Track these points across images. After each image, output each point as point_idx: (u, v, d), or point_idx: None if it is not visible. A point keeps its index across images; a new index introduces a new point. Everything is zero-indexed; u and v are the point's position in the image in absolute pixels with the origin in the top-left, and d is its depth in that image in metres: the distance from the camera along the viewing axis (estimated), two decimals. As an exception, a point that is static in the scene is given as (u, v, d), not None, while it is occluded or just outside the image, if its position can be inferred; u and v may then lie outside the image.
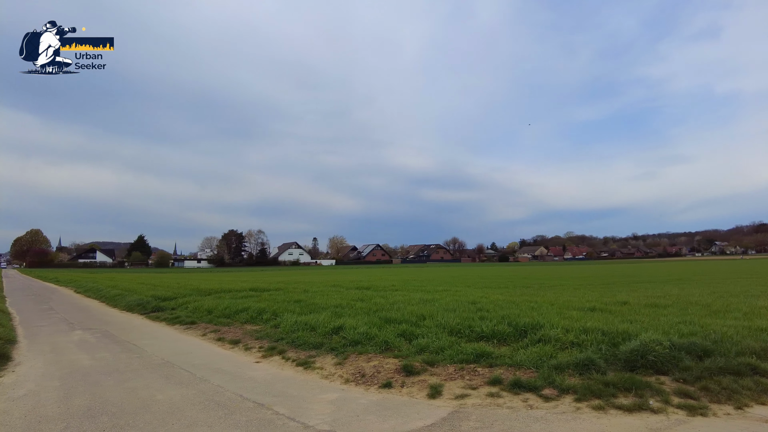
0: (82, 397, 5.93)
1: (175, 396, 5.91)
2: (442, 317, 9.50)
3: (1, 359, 8.08)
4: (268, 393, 6.01)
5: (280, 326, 10.30)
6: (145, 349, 9.18)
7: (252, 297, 16.27)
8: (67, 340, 10.34)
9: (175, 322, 12.75)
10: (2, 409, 5.53)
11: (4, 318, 13.29)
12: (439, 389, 5.84)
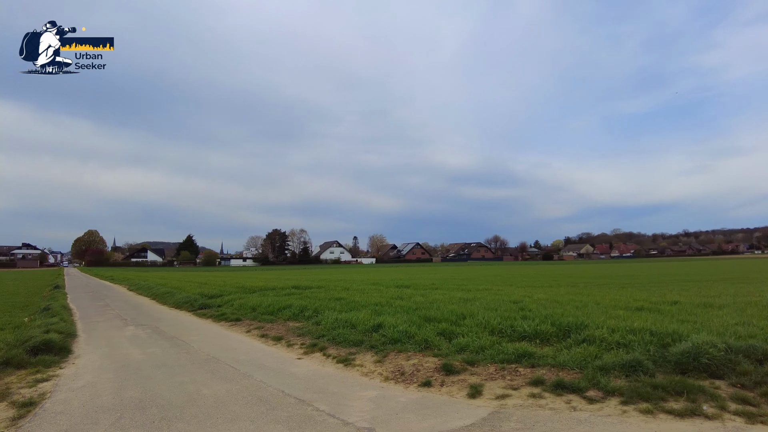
0: (134, 390, 6.21)
1: (220, 391, 6.09)
2: (483, 316, 9.38)
3: (63, 352, 8.55)
4: (309, 389, 6.11)
5: (321, 323, 10.44)
6: (192, 345, 9.51)
7: (294, 295, 16.58)
8: (121, 336, 10.84)
9: (221, 319, 13.15)
10: (63, 399, 5.86)
11: (66, 314, 14.07)
12: (479, 389, 5.77)
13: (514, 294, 14.61)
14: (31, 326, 10.94)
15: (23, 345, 8.20)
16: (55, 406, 5.59)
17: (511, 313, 9.77)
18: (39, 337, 8.70)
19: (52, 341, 8.66)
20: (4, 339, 9.51)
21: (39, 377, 6.94)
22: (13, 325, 11.78)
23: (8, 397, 5.97)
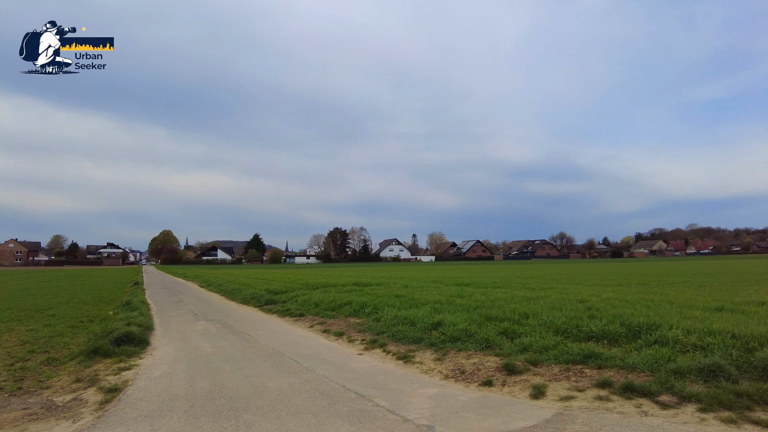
0: (205, 381, 6.56)
1: (284, 384, 6.31)
2: (547, 315, 9.11)
3: (143, 344, 9.18)
4: (370, 385, 6.19)
5: (381, 320, 10.54)
6: (258, 339, 9.90)
7: (355, 291, 16.85)
8: (193, 329, 11.47)
9: (285, 314, 13.61)
10: (143, 387, 6.29)
11: (144, 308, 15.10)
12: (542, 390, 5.61)
13: (580, 293, 14.07)
14: (115, 319, 11.84)
15: (108, 336, 8.89)
16: (136, 393, 6.02)
17: (577, 312, 9.42)
18: (122, 329, 9.39)
19: (133, 333, 9.31)
20: (93, 330, 10.37)
21: (122, 366, 7.49)
22: (101, 317, 12.81)
23: (97, 383, 6.49)
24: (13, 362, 7.80)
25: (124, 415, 5.13)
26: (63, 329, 10.89)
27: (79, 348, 8.64)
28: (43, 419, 5.20)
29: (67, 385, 6.54)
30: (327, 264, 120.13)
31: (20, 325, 11.69)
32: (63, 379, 6.87)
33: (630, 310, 9.36)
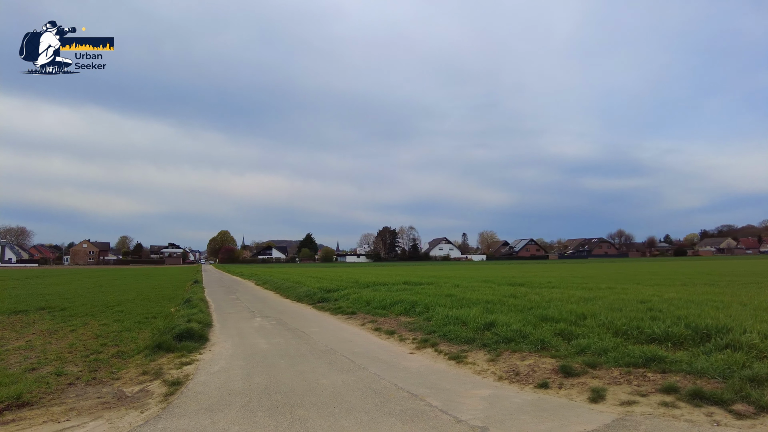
0: (261, 377, 6.75)
1: (337, 381, 6.39)
2: (606, 316, 8.75)
3: (202, 339, 9.58)
4: (422, 384, 6.17)
5: (432, 319, 10.48)
6: (311, 336, 10.10)
7: (405, 290, 16.86)
8: (249, 326, 11.84)
9: (337, 312, 13.81)
10: (203, 381, 6.56)
11: (203, 306, 15.74)
12: (601, 393, 5.39)
13: (641, 293, 13.43)
14: (176, 316, 12.42)
15: (171, 332, 9.32)
16: (196, 386, 6.28)
17: (637, 313, 8.99)
18: (183, 325, 9.83)
19: (193, 330, 9.73)
20: (156, 326, 10.91)
21: (183, 360, 7.84)
22: (163, 314, 13.47)
23: (161, 376, 6.83)
24: (88, 354, 8.35)
25: (186, 408, 5.37)
26: (130, 324, 11.54)
27: (145, 342, 9.12)
28: (115, 408, 5.53)
29: (134, 377, 6.91)
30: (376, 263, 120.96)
31: (93, 320, 12.48)
32: (131, 371, 7.27)
33: (696, 311, 8.84)
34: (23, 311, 14.49)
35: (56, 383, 6.53)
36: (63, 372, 7.09)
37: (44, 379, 6.68)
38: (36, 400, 5.78)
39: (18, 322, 12.46)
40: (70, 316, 13.21)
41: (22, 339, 9.96)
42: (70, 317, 13.06)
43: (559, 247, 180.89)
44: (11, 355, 8.34)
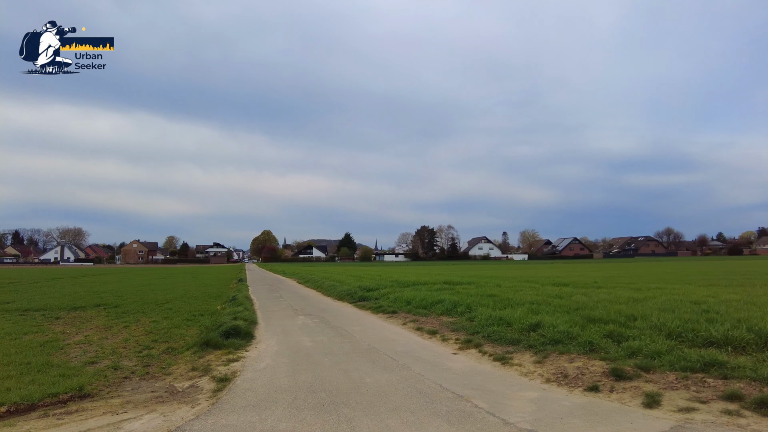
0: (306, 374, 6.83)
1: (381, 380, 6.40)
2: (657, 318, 8.39)
3: (248, 337, 9.79)
4: (467, 385, 6.09)
5: (475, 320, 10.35)
6: (354, 334, 10.16)
7: (446, 290, 16.71)
8: (293, 324, 12.03)
9: (378, 311, 13.86)
10: (250, 378, 6.70)
11: (248, 303, 16.13)
12: (656, 398, 5.16)
13: (694, 294, 12.81)
14: (222, 313, 12.76)
15: (218, 329, 9.57)
16: (244, 383, 6.42)
17: (691, 315, 8.58)
18: (229, 323, 10.08)
19: (239, 327, 9.96)
20: (204, 323, 11.24)
21: (230, 357, 8.04)
22: (210, 311, 13.86)
23: (210, 372, 7.02)
24: (141, 350, 8.68)
25: (234, 404, 5.49)
26: (179, 321, 11.93)
27: (193, 339, 9.41)
28: (167, 402, 5.72)
29: (184, 373, 7.14)
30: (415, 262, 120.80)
31: (144, 317, 12.99)
32: (181, 367, 7.51)
33: (758, 313, 8.35)
34: (81, 308, 15.23)
35: (113, 377, 6.82)
36: (119, 366, 7.40)
37: (102, 372, 6.99)
38: (96, 392, 6.05)
39: (77, 318, 13.11)
40: (123, 313, 13.78)
41: (81, 334, 10.47)
42: (123, 314, 13.63)
43: (604, 246, 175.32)
44: (72, 349, 8.78)
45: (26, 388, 5.99)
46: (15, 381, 6.33)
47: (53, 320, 12.65)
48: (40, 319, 12.71)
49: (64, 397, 5.75)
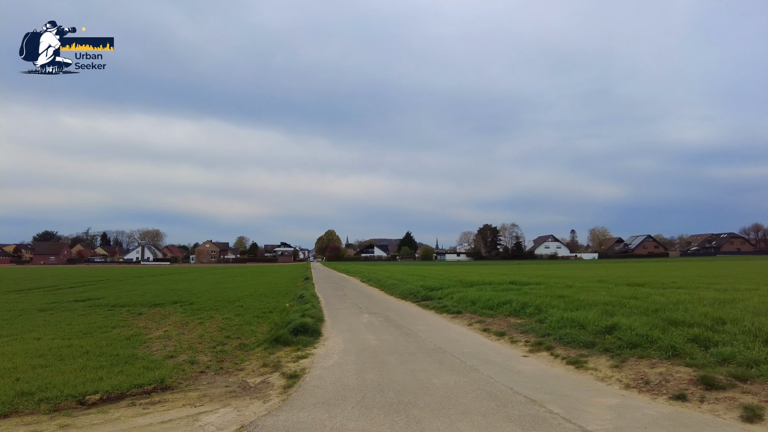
0: (373, 373, 6.84)
1: (449, 381, 6.28)
2: (751, 322, 7.69)
3: (315, 334, 9.98)
4: (539, 389, 5.84)
5: (546, 321, 9.96)
6: (419, 334, 10.08)
7: (512, 290, 16.25)
8: (358, 322, 12.14)
9: (442, 311, 13.70)
10: (318, 375, 6.80)
11: (315, 301, 16.49)
12: (757, 412, 4.68)
13: (793, 296, 11.66)
14: (291, 311, 13.09)
15: (287, 326, 9.82)
16: (313, 380, 6.52)
17: (793, 319, 7.79)
18: (297, 320, 10.31)
19: (307, 324, 10.17)
20: (273, 320, 11.57)
21: (299, 354, 8.20)
22: (279, 309, 14.28)
23: (280, 369, 7.20)
24: (215, 345, 9.07)
25: (304, 401, 5.57)
26: (250, 318, 12.38)
27: (264, 336, 9.71)
28: (241, 397, 5.91)
29: (256, 369, 7.36)
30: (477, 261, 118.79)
31: (218, 314, 13.59)
32: (253, 363, 7.76)
33: None
34: (160, 304, 16.19)
35: (190, 371, 7.16)
36: (195, 361, 7.76)
37: (180, 366, 7.35)
38: (175, 385, 6.37)
39: (157, 314, 13.94)
40: (198, 310, 14.50)
41: (161, 329, 11.11)
42: (198, 311, 14.33)
43: (681, 244, 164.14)
44: (154, 343, 9.32)
45: (116, 378, 6.41)
46: (106, 371, 6.80)
47: (136, 315, 13.53)
48: (126, 315, 13.62)
49: (148, 388, 6.10)
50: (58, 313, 14.14)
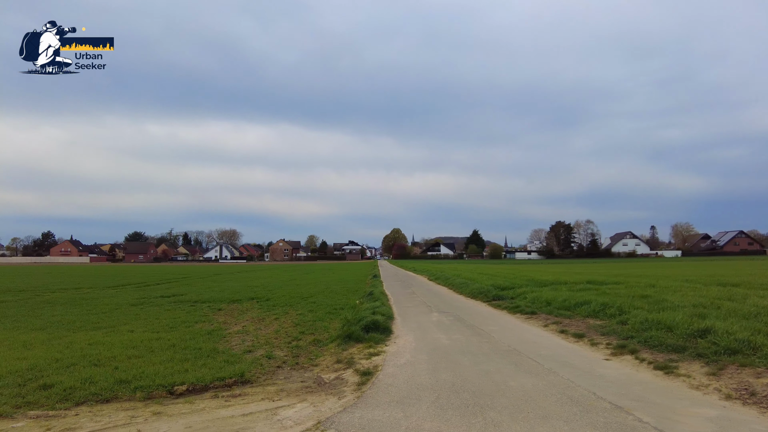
0: (446, 373, 6.72)
1: (526, 384, 6.05)
2: None
3: (386, 332, 10.01)
4: (625, 395, 5.48)
5: (628, 323, 9.38)
6: (491, 334, 9.83)
7: (590, 290, 15.48)
8: (428, 321, 12.05)
9: (515, 311, 13.29)
10: (391, 373, 6.79)
11: (384, 299, 16.61)
12: None
13: None
14: (361, 308, 13.24)
15: (359, 323, 9.92)
16: (386, 378, 6.51)
17: None
18: (369, 318, 10.40)
19: (378, 322, 10.23)
20: (344, 316, 11.74)
21: (371, 351, 8.25)
22: (349, 305, 14.51)
23: (353, 365, 7.28)
24: (290, 341, 9.36)
25: (378, 399, 5.57)
26: (322, 314, 12.67)
27: (336, 332, 9.88)
28: (316, 392, 6.02)
29: (330, 365, 7.49)
30: (550, 260, 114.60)
31: (292, 309, 14.03)
32: (327, 359, 7.91)
33: None
34: (238, 300, 16.98)
35: (268, 365, 7.41)
36: (272, 356, 8.03)
37: (258, 361, 7.63)
38: (254, 379, 6.61)
39: (235, 309, 14.63)
40: (273, 306, 15.05)
41: (239, 324, 11.62)
42: (273, 307, 14.87)
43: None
44: (233, 338, 9.76)
45: (199, 371, 6.75)
46: (191, 364, 7.18)
47: (216, 311, 14.26)
48: (206, 310, 14.40)
49: (229, 382, 6.37)
50: (147, 307, 15.20)
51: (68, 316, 13.20)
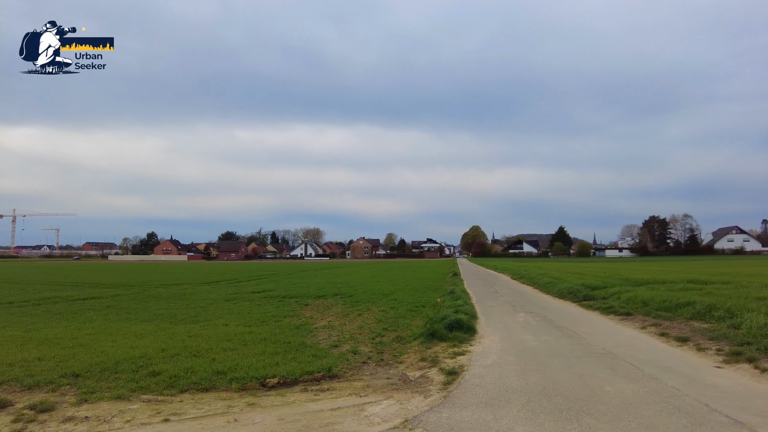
0: (536, 376, 6.44)
1: (625, 390, 5.64)
2: None
3: (470, 331, 9.81)
4: (745, 409, 4.92)
5: (742, 327, 8.48)
6: (583, 336, 9.31)
7: (692, 290, 14.23)
8: (513, 321, 11.66)
9: (608, 312, 12.52)
10: (478, 374, 6.62)
11: (466, 298, 16.34)
12: None
13: None
14: (443, 306, 13.11)
15: (442, 322, 9.81)
16: (472, 378, 6.36)
17: None
18: (452, 316, 10.25)
19: (462, 321, 10.05)
20: (426, 314, 11.71)
21: (456, 350, 8.11)
22: (431, 303, 14.45)
23: (438, 364, 7.19)
24: (374, 337, 9.46)
25: (466, 399, 5.45)
26: (403, 312, 12.70)
27: (419, 330, 9.84)
28: (402, 390, 6.02)
29: (414, 363, 7.46)
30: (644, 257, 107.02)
31: (374, 306, 14.22)
32: (411, 356, 7.89)
33: None
34: (323, 296, 17.52)
35: (353, 361, 7.53)
36: (357, 351, 8.15)
37: (344, 356, 7.78)
38: (341, 374, 6.75)
39: (321, 305, 15.09)
40: (356, 302, 15.34)
41: (324, 319, 11.96)
42: (356, 303, 15.16)
43: None
44: (320, 333, 10.05)
45: (289, 364, 7.00)
46: (281, 357, 7.48)
47: (303, 306, 14.79)
48: (294, 305, 14.98)
49: (317, 376, 6.54)
50: (240, 302, 16.10)
51: (170, 309, 14.30)
